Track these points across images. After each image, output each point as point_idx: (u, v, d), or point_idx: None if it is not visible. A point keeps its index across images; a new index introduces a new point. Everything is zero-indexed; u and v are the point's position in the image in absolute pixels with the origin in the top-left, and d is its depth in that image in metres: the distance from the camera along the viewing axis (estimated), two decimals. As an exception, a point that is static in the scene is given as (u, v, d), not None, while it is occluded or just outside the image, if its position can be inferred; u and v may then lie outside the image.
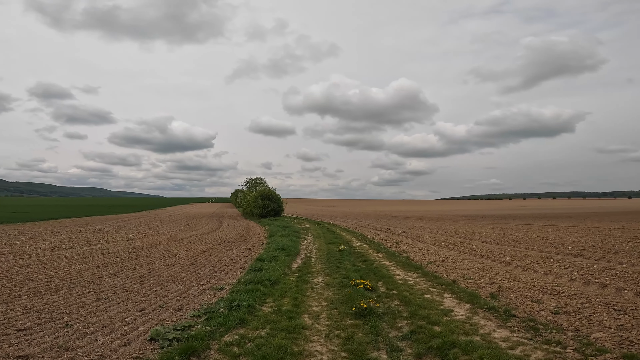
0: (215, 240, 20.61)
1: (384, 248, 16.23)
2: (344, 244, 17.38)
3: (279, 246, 15.66)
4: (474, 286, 8.87)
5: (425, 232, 24.50)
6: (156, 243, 18.69)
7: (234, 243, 19.17)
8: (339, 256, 13.63)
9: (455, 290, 8.37)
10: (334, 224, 35.18)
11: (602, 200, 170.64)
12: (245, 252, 15.44)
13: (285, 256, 13.37)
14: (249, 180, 53.56)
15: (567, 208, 74.85)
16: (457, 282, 9.23)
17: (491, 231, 24.17)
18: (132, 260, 13.06)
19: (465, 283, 9.19)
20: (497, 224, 31.93)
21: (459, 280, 9.44)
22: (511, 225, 29.96)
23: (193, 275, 10.43)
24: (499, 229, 26.24)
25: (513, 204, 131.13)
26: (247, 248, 16.86)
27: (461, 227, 29.21)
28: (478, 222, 35.51)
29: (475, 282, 9.33)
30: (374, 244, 18.14)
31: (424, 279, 9.63)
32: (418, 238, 20.88)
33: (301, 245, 17.75)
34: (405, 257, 13.66)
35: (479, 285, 8.92)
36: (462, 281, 9.38)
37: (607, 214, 45.47)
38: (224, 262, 12.89)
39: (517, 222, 33.86)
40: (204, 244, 18.52)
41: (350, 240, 20.14)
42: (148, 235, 23.27)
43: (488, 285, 8.88)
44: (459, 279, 9.65)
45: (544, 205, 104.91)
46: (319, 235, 22.69)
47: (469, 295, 7.78)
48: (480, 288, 8.68)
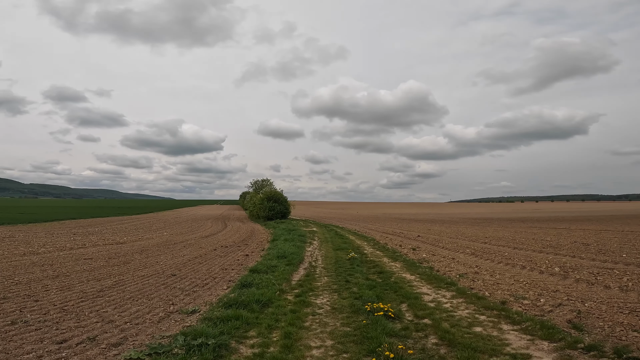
0: (214, 244, 18.42)
1: (400, 256, 13.77)
2: (354, 251, 14.98)
3: (280, 253, 13.35)
4: (536, 310, 6.39)
5: (442, 237, 21.90)
6: (147, 247, 16.57)
7: (232, 248, 16.94)
8: (349, 266, 11.23)
9: (513, 317, 5.90)
10: (343, 227, 32.74)
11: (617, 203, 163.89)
12: (241, 260, 13.17)
13: (286, 265, 11.03)
14: (256, 181, 51.30)
15: (586, 211, 70.78)
16: (509, 304, 6.75)
17: (517, 235, 21.44)
18: (105, 268, 10.90)
19: (521, 305, 6.70)
20: (519, 227, 29.05)
21: (509, 301, 6.95)
22: (535, 229, 27.09)
23: (167, 290, 8.18)
24: (524, 232, 23.47)
25: (526, 206, 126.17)
26: (245, 254, 14.58)
27: (480, 230, 26.48)
28: (496, 225, 32.64)
29: (534, 303, 6.84)
30: (388, 250, 15.68)
31: (462, 300, 7.16)
32: (437, 243, 18.32)
33: (306, 251, 15.40)
34: (428, 267, 11.19)
35: (542, 309, 6.43)
36: (514, 302, 6.89)
37: (630, 217, 41.95)
38: (212, 272, 10.62)
39: (540, 225, 30.90)
40: (199, 249, 16.34)
41: (361, 245, 17.70)
42: (144, 238, 21.26)
43: (555, 309, 6.38)
44: (508, 299, 7.17)
45: (559, 208, 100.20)
46: (327, 240, 20.31)
47: (540, 327, 5.30)
48: (546, 312, 6.21)
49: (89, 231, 24.97)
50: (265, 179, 50.64)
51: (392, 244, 17.75)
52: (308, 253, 14.88)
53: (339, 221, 43.47)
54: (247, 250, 15.93)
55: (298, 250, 14.57)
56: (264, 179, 50.74)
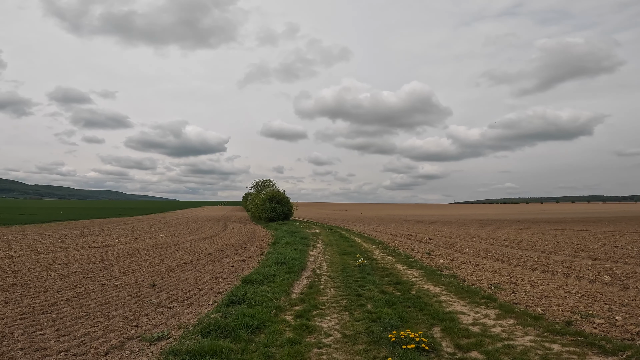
0: (209, 247, 16.81)
1: (415, 262, 12.05)
2: (362, 255, 13.30)
3: (280, 258, 11.68)
4: (619, 331, 4.71)
5: (456, 239, 20.14)
6: (136, 250, 14.98)
7: (228, 252, 15.31)
8: (359, 274, 9.53)
9: (601, 345, 4.18)
10: (347, 229, 31.04)
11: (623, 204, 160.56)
12: (237, 266, 11.53)
13: (286, 274, 9.36)
14: (258, 182, 49.54)
15: (594, 212, 68.50)
16: (578, 324, 5.01)
17: (537, 238, 19.64)
18: (75, 275, 9.30)
19: (594, 325, 4.95)
20: (534, 229, 27.18)
21: (576, 321, 5.19)
22: (551, 230, 25.24)
23: (137, 305, 6.55)
24: (542, 234, 21.65)
25: (532, 208, 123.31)
26: (241, 260, 12.93)
27: (493, 232, 24.67)
28: (508, 227, 30.77)
29: (610, 322, 5.13)
30: (400, 254, 13.97)
31: (514, 321, 5.43)
32: (451, 247, 16.58)
33: (309, 256, 13.73)
34: (451, 276, 9.48)
35: (626, 330, 4.76)
36: (583, 322, 5.14)
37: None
38: (200, 282, 8.98)
39: (555, 227, 29.01)
40: (192, 253, 14.73)
41: (369, 249, 16.00)
42: (137, 240, 19.69)
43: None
44: (572, 317, 5.43)
45: (566, 209, 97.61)
46: (331, 243, 18.63)
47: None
48: (635, 335, 4.51)
49: (83, 233, 23.50)
50: (268, 180, 48.92)
51: (403, 248, 16.04)
52: (311, 258, 13.22)
53: (343, 223, 41.77)
54: (244, 255, 14.29)
55: (300, 255, 12.91)
56: (266, 179, 49.01)
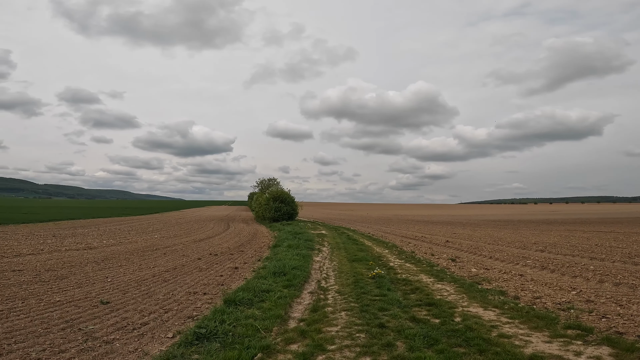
0: (203, 250, 14.78)
1: (442, 271, 9.80)
2: (376, 262, 11.10)
3: (279, 266, 9.52)
4: None
5: (477, 242, 17.81)
6: (116, 254, 12.98)
7: (222, 256, 13.24)
8: (376, 290, 7.30)
9: None
10: (355, 230, 28.83)
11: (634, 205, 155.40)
12: (225, 276, 9.41)
13: (284, 288, 7.22)
14: (262, 181, 47.51)
15: (608, 213, 65.20)
16: None
17: (571, 240, 17.20)
18: (18, 286, 7.25)
19: None
20: (559, 230, 24.67)
21: None
22: (577, 232, 22.74)
23: (58, 335, 4.43)
24: (572, 237, 19.20)
25: (542, 208, 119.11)
26: (234, 267, 10.80)
27: (514, 234, 22.26)
28: (527, 228, 28.26)
29: None
30: (420, 261, 11.72)
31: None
32: (477, 251, 14.30)
33: (313, 262, 11.55)
34: (497, 292, 7.23)
35: None
36: None
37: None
38: (172, 299, 6.87)
39: (582, 228, 26.42)
40: (180, 257, 12.70)
41: (382, 254, 13.79)
42: (127, 241, 17.75)
43: None
44: None
45: (578, 210, 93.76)
46: (338, 246, 16.45)
47: None
48: None
49: (75, 233, 21.68)
50: (272, 179, 46.82)
51: (422, 253, 13.80)
52: (316, 265, 11.06)
53: (349, 223, 39.56)
54: (239, 261, 12.18)
55: (303, 262, 10.74)
56: (270, 178, 46.94)
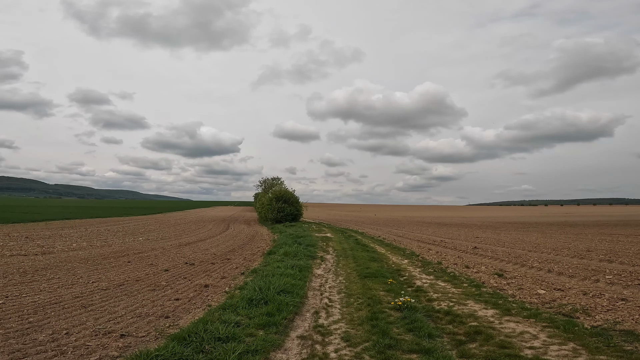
0: (182, 257, 12.01)
1: (496, 294, 6.78)
2: (396, 279, 8.12)
3: (261, 288, 6.57)
4: None
5: (513, 249, 14.68)
6: (72, 260, 10.23)
7: (200, 267, 10.41)
8: (410, 338, 4.33)
9: None
10: (363, 233, 25.83)
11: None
12: (184, 301, 6.55)
13: (259, 329, 4.33)
14: (265, 180, 44.80)
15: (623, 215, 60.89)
16: None
17: (627, 247, 13.95)
18: None
19: None
20: (595, 234, 21.31)
21: None
22: (605, 235, 19.40)
23: None
24: (619, 242, 15.92)
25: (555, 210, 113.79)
26: (204, 285, 7.93)
27: (546, 239, 19.02)
28: (559, 231, 24.91)
29: None
30: (456, 278, 8.68)
31: None
32: (523, 262, 11.19)
33: (312, 278, 8.60)
34: (627, 336, 4.24)
35: None
36: None
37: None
38: (56, 345, 4.06)
39: (609, 232, 22.99)
40: (145, 267, 9.92)
41: (401, 265, 10.78)
42: (103, 244, 15.13)
43: None
44: None
45: (594, 212, 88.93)
46: (345, 254, 13.50)
47: None
48: None
49: (54, 234, 19.19)
50: (276, 177, 44.04)
51: (451, 264, 10.77)
52: (316, 282, 8.14)
53: (357, 225, 36.53)
54: (216, 274, 9.31)
55: (299, 279, 7.80)
56: (274, 177, 44.16)
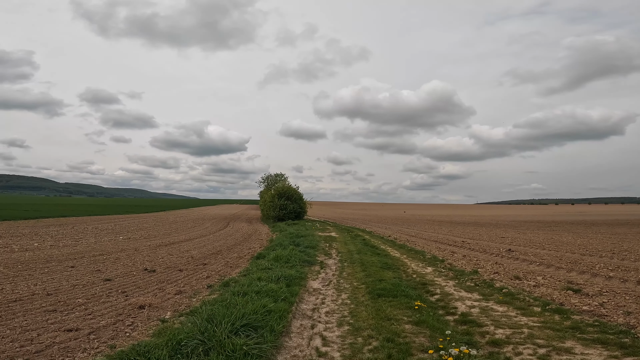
0: (148, 261, 9.55)
1: (615, 329, 4.14)
2: (426, 300, 5.48)
3: (217, 315, 4.06)
4: None
5: (560, 253, 11.89)
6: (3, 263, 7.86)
7: (160, 275, 7.91)
8: None
9: None
10: (371, 232, 23.16)
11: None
12: (84, 335, 3.98)
13: None
14: (268, 176, 42.34)
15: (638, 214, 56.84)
16: None
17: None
18: None
19: None
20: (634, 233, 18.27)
21: None
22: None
23: None
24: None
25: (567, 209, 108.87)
26: (139, 307, 5.34)
27: (581, 239, 16.10)
28: (584, 228, 21.87)
29: None
30: (513, 296, 5.97)
31: None
32: (587, 269, 8.43)
33: (304, 295, 5.93)
34: None
35: None
36: None
37: None
38: None
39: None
40: (89, 274, 7.56)
41: (426, 276, 8.11)
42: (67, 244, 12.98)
43: None
44: None
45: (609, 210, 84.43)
46: (352, 258, 10.84)
47: None
48: None
49: (29, 232, 17.13)
50: (279, 174, 41.54)
51: (492, 274, 8.06)
52: (307, 305, 5.52)
53: (364, 223, 33.83)
54: (169, 290, 6.74)
55: (281, 300, 5.23)
56: (277, 173, 41.70)
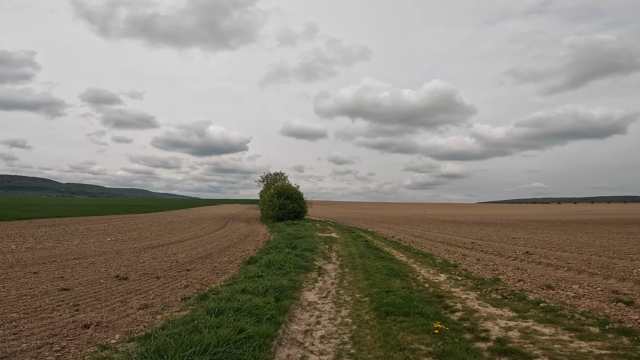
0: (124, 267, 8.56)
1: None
2: (445, 319, 4.42)
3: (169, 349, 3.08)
4: None
5: (581, 255, 10.79)
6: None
7: (134, 283, 6.88)
8: None
9: None
10: (373, 232, 22.11)
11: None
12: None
13: None
14: (267, 175, 41.44)
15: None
16: None
17: None
18: None
19: None
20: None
21: None
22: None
23: None
24: None
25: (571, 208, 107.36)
26: (83, 325, 4.29)
27: (599, 240, 14.99)
28: (600, 230, 20.73)
29: None
30: (557, 313, 4.83)
31: None
32: (625, 275, 7.35)
33: (296, 312, 4.82)
34: None
35: None
36: None
37: None
38: None
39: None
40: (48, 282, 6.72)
41: (443, 287, 7.02)
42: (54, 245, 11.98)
43: None
44: None
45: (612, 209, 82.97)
46: (353, 262, 9.77)
47: None
48: None
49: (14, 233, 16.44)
50: (279, 173, 40.65)
51: (517, 282, 6.99)
52: (299, 327, 4.48)
53: (366, 223, 32.77)
54: (132, 304, 5.68)
55: (265, 322, 4.22)
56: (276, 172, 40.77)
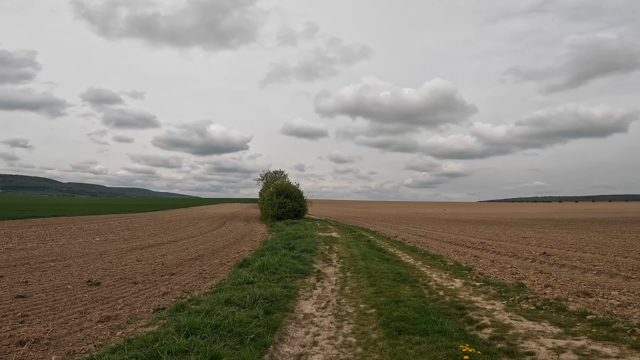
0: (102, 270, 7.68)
1: None
2: (473, 338, 3.53)
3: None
4: None
5: (604, 257, 9.85)
6: None
7: (107, 289, 5.96)
8: None
9: None
10: (375, 232, 21.20)
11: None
12: None
13: None
14: (267, 173, 40.52)
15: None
16: None
17: None
18: None
19: None
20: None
21: None
22: None
23: None
24: None
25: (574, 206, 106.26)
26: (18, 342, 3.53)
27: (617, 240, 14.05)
28: (613, 229, 19.78)
29: None
30: (614, 328, 3.97)
31: None
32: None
33: (288, 329, 3.86)
34: None
35: None
36: None
37: None
38: None
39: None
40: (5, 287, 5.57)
41: (460, 295, 6.08)
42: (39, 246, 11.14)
43: None
44: None
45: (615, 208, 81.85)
46: (356, 265, 8.83)
47: None
48: None
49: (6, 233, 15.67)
50: (278, 171, 39.66)
51: (544, 287, 6.06)
52: (293, 350, 3.61)
53: (367, 222, 31.86)
54: (93, 314, 4.80)
55: (248, 345, 3.35)
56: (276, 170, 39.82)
